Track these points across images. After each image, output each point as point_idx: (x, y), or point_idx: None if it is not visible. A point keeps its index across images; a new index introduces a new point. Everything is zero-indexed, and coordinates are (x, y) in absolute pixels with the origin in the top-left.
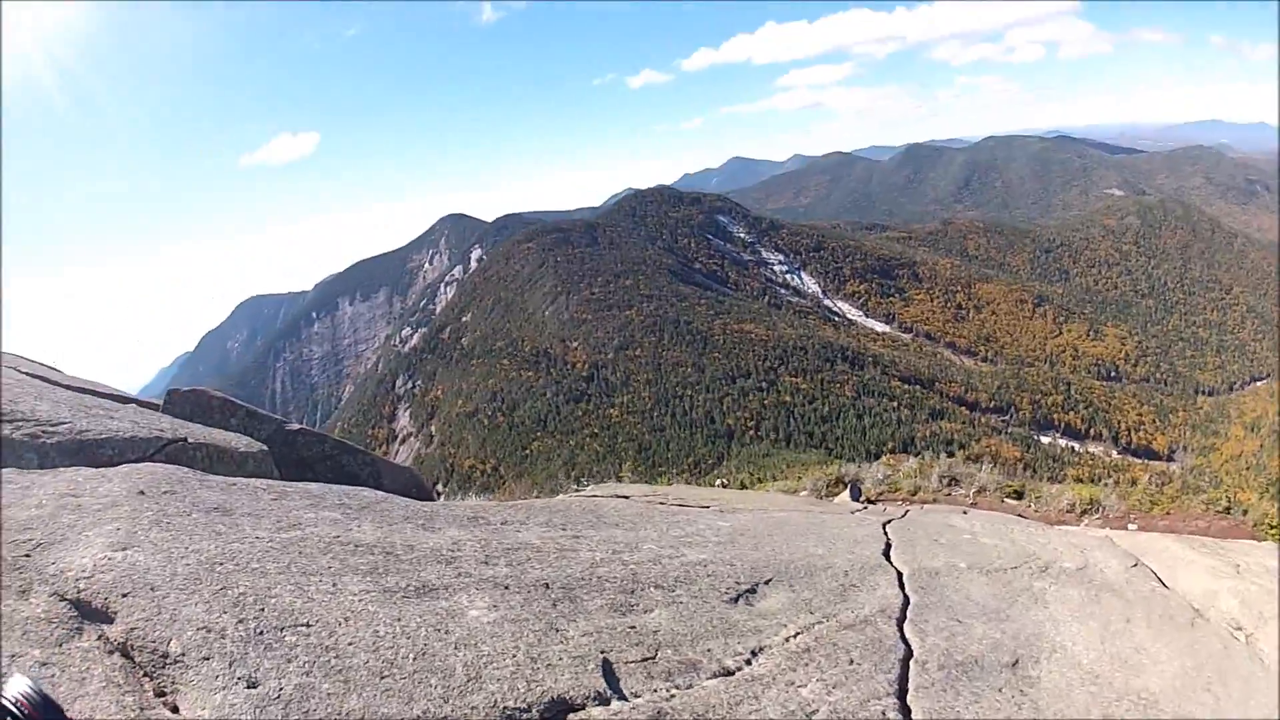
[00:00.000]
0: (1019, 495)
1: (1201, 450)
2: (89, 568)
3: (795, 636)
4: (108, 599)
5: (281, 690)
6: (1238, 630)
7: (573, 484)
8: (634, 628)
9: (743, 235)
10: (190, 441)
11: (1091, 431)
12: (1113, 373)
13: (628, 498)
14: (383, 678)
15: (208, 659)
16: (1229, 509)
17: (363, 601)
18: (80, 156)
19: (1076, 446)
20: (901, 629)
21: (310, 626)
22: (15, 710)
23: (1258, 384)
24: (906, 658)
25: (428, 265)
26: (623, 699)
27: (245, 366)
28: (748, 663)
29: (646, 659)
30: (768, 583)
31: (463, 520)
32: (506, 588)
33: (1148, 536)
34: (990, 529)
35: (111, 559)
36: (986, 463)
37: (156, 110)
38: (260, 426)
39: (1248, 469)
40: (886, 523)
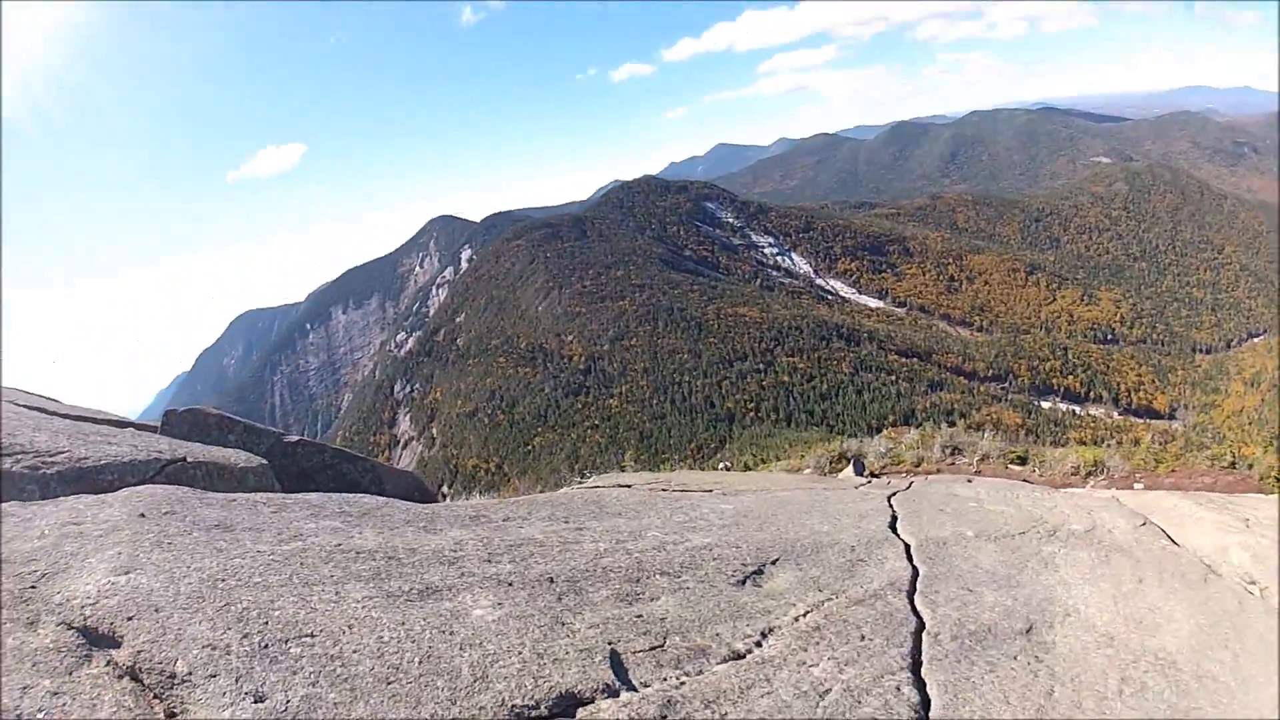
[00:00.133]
0: (1023, 461)
1: (1203, 407)
2: (93, 594)
3: (805, 615)
4: (114, 624)
5: (288, 703)
6: (1251, 585)
7: (576, 477)
8: (641, 617)
9: (731, 220)
10: (189, 461)
11: (1091, 394)
12: (1109, 335)
13: (630, 487)
14: (389, 683)
15: (214, 676)
16: (1234, 464)
17: (366, 608)
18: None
19: (1077, 410)
20: (912, 601)
21: (314, 637)
22: None
23: (1255, 340)
24: (918, 630)
25: (418, 268)
26: (632, 690)
27: (243, 382)
28: (758, 645)
29: (655, 647)
30: (774, 563)
31: (464, 520)
32: (510, 585)
33: (1154, 495)
34: (996, 495)
35: (115, 583)
36: (988, 430)
37: (141, 133)
38: (259, 441)
39: (1250, 424)
40: (891, 495)
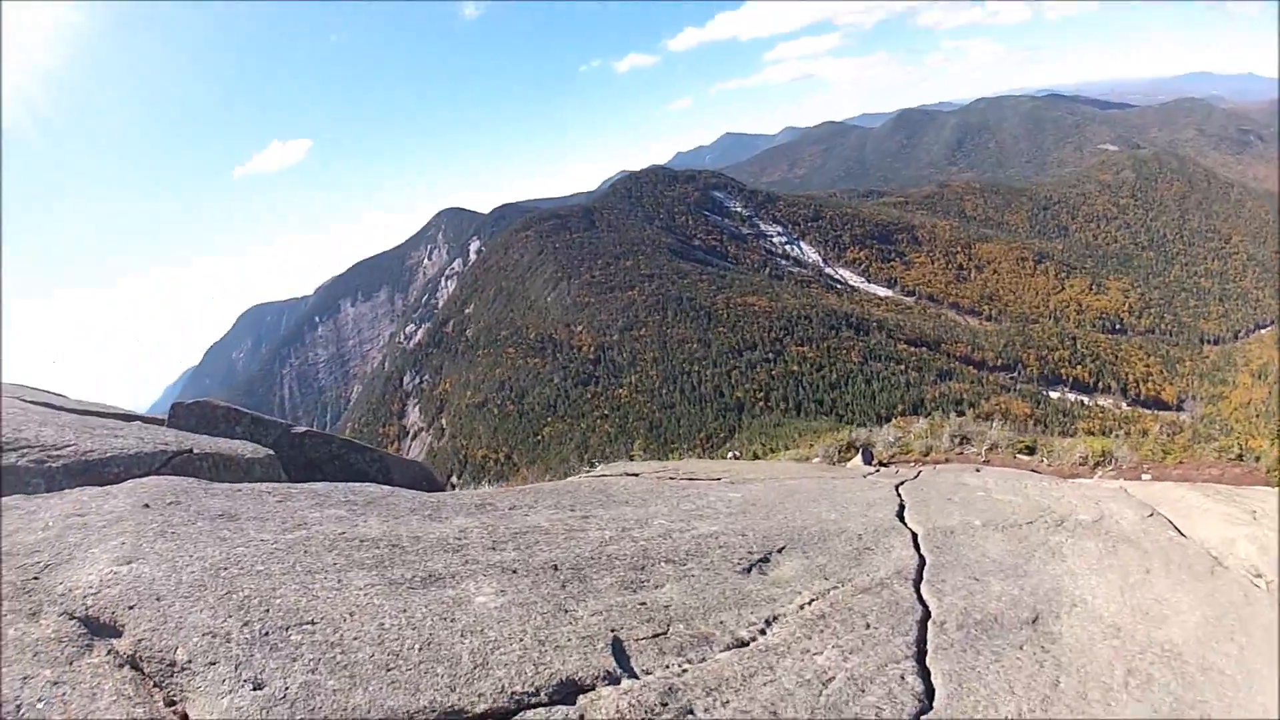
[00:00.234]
0: (1031, 450)
1: (1210, 399)
2: (95, 584)
3: (810, 603)
4: (115, 613)
5: (287, 690)
6: (1257, 577)
7: (585, 466)
8: (644, 604)
9: (740, 209)
10: (195, 452)
11: (1100, 384)
12: (1117, 325)
13: (638, 475)
14: (388, 670)
15: (214, 664)
16: (1241, 456)
17: (368, 595)
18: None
19: (1086, 400)
20: (918, 590)
21: (315, 624)
22: None
23: (1262, 331)
24: (924, 619)
25: (427, 260)
26: (633, 677)
27: (252, 376)
28: (762, 633)
29: (658, 635)
30: (781, 551)
31: (470, 508)
32: (514, 572)
33: (1162, 486)
34: (1004, 485)
35: (117, 573)
36: (997, 420)
37: (148, 129)
38: (266, 432)
39: (1258, 416)
40: (899, 484)
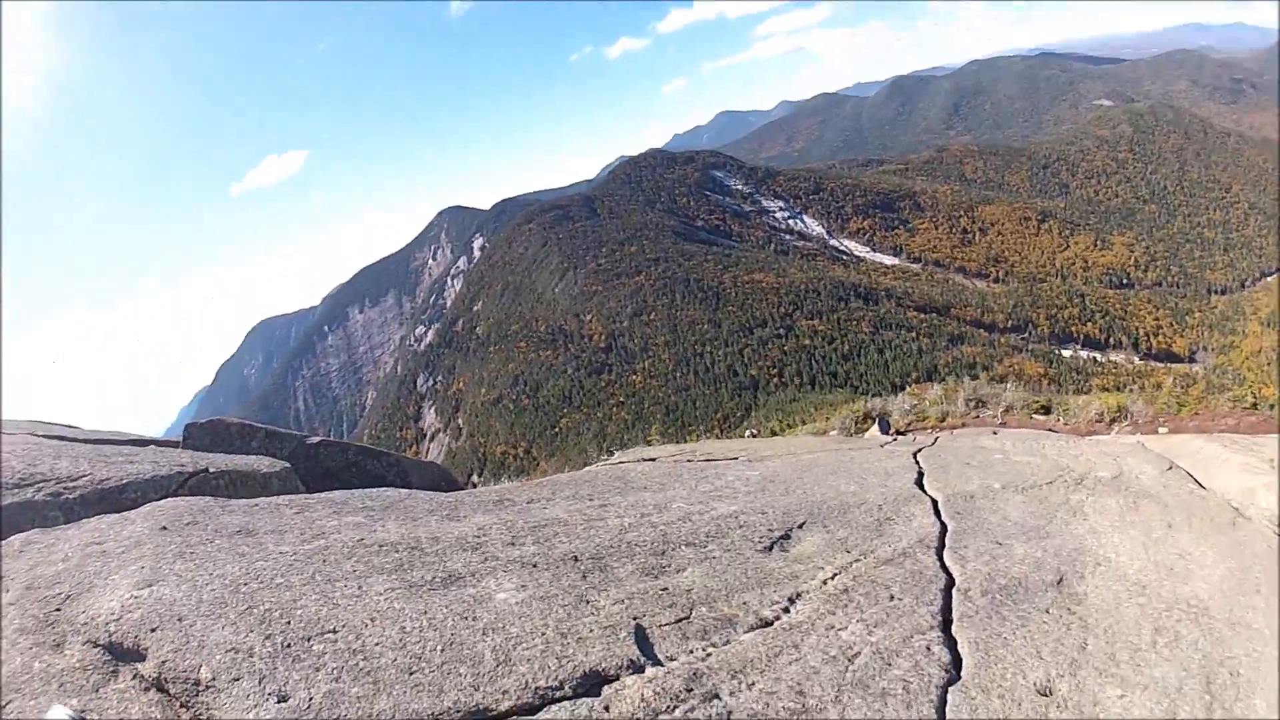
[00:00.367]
0: (1047, 410)
1: (1222, 349)
2: (117, 610)
3: (833, 578)
4: (138, 637)
5: (311, 700)
6: (1278, 527)
7: (603, 455)
8: (666, 589)
9: (740, 187)
10: (212, 471)
11: (1111, 340)
12: (1124, 280)
13: (655, 460)
14: (411, 673)
15: (238, 679)
16: (1255, 405)
17: (388, 600)
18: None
19: (1098, 356)
20: (941, 558)
21: (336, 632)
22: None
23: (1268, 279)
24: (948, 587)
25: (432, 261)
26: (657, 664)
27: (265, 390)
28: (785, 611)
29: (681, 620)
30: (801, 526)
31: (488, 505)
32: (535, 566)
33: (1179, 439)
34: (1021, 446)
35: (138, 597)
36: (1011, 382)
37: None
38: (281, 445)
39: (1269, 364)
40: (917, 452)
